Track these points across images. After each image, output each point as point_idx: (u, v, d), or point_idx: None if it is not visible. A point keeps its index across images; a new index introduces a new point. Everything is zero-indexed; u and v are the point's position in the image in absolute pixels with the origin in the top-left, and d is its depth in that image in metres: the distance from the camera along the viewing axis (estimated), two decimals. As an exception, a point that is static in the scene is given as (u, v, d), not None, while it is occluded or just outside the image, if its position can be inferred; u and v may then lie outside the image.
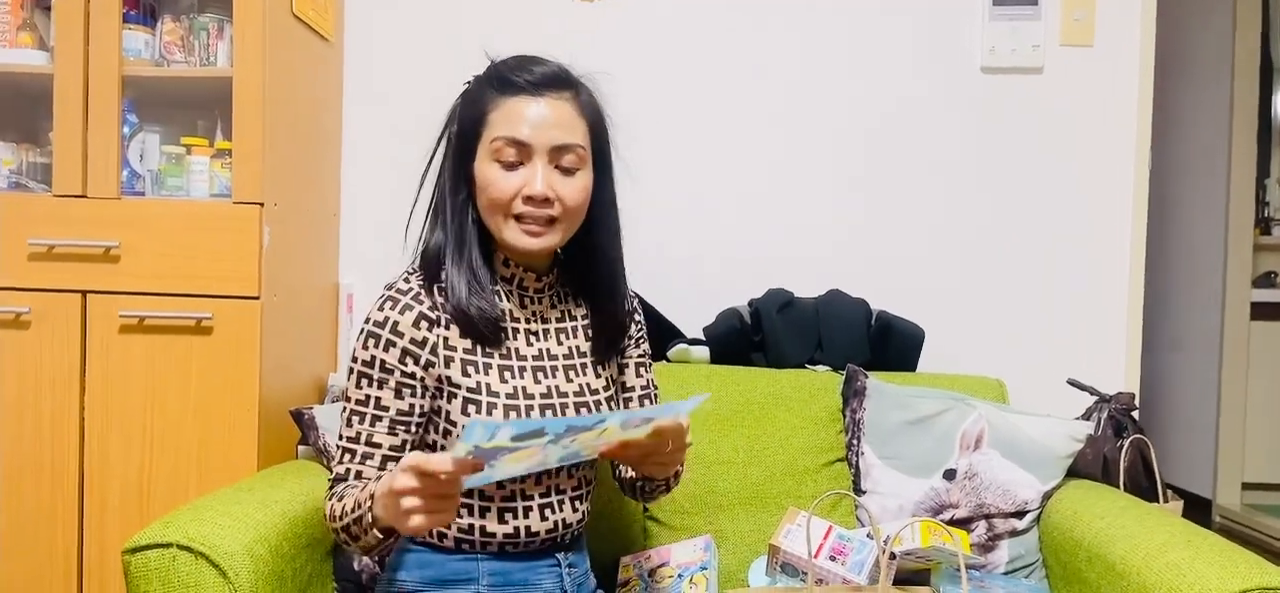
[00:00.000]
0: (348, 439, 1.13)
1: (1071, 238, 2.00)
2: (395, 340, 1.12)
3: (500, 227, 1.15)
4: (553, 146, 1.13)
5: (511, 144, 1.12)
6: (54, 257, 1.64)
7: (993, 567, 1.54)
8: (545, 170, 1.13)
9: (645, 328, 1.35)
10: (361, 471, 1.12)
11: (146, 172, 1.70)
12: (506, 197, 1.13)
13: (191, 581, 1.14)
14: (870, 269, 1.99)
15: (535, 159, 1.13)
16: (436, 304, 1.14)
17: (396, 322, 1.12)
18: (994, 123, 2.00)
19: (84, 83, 1.64)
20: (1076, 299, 2.00)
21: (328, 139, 1.95)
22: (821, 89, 2.01)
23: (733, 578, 1.55)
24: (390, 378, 1.12)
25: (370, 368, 1.12)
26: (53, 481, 1.64)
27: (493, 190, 1.13)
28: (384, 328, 1.12)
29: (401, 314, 1.13)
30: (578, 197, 1.16)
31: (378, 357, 1.12)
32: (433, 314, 1.14)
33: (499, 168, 1.13)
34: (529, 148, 1.13)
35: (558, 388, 1.19)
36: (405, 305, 1.13)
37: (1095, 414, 1.77)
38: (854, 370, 1.70)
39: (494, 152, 1.13)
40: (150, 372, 1.64)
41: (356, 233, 2.02)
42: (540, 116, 1.13)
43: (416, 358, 1.12)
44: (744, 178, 2.02)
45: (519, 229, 1.14)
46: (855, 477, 1.64)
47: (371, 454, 1.12)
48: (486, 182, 1.14)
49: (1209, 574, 1.15)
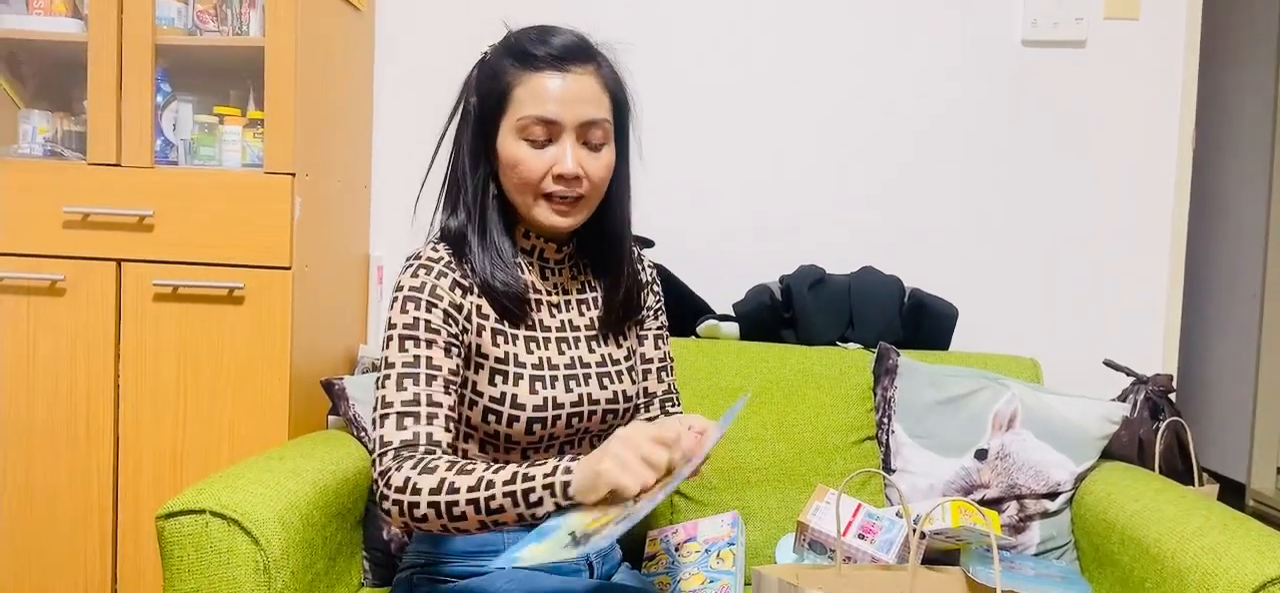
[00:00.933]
0: (405, 403, 1.04)
1: (1110, 216, 1.95)
2: (436, 302, 1.10)
3: (529, 206, 1.14)
4: (580, 123, 1.12)
5: (540, 123, 1.11)
6: (88, 225, 1.66)
7: (1023, 548, 1.53)
8: (575, 147, 1.12)
9: (664, 299, 1.35)
10: (432, 432, 1.04)
11: (180, 141, 1.72)
12: (537, 176, 1.12)
13: (224, 547, 1.15)
14: (904, 246, 1.97)
15: (564, 137, 1.11)
16: (466, 274, 1.14)
17: (434, 285, 1.11)
18: (1034, 97, 1.95)
19: (118, 51, 1.64)
20: (1114, 279, 1.96)
21: (359, 110, 1.95)
22: (859, 61, 1.98)
23: (760, 554, 1.54)
24: (438, 337, 1.08)
25: (414, 329, 1.08)
26: (88, 446, 1.67)
27: (522, 170, 1.12)
28: (423, 291, 1.10)
29: (438, 279, 1.11)
30: (603, 172, 1.15)
31: (421, 318, 1.09)
32: (465, 281, 1.13)
33: (527, 147, 1.12)
34: (558, 125, 1.11)
35: (581, 359, 1.19)
36: (439, 272, 1.12)
37: (1131, 396, 1.74)
38: (886, 348, 1.68)
39: (521, 129, 1.11)
40: (183, 340, 1.65)
41: (387, 205, 2.03)
42: (567, 92, 1.11)
43: (455, 320, 1.11)
44: (777, 153, 1.99)
45: (548, 208, 1.13)
46: (885, 455, 1.62)
47: (436, 414, 1.05)
48: (515, 160, 1.12)
49: (1245, 559, 1.13)
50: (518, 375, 1.13)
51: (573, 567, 1.20)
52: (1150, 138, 1.94)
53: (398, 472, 1.00)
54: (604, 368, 1.20)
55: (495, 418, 1.12)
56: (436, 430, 1.04)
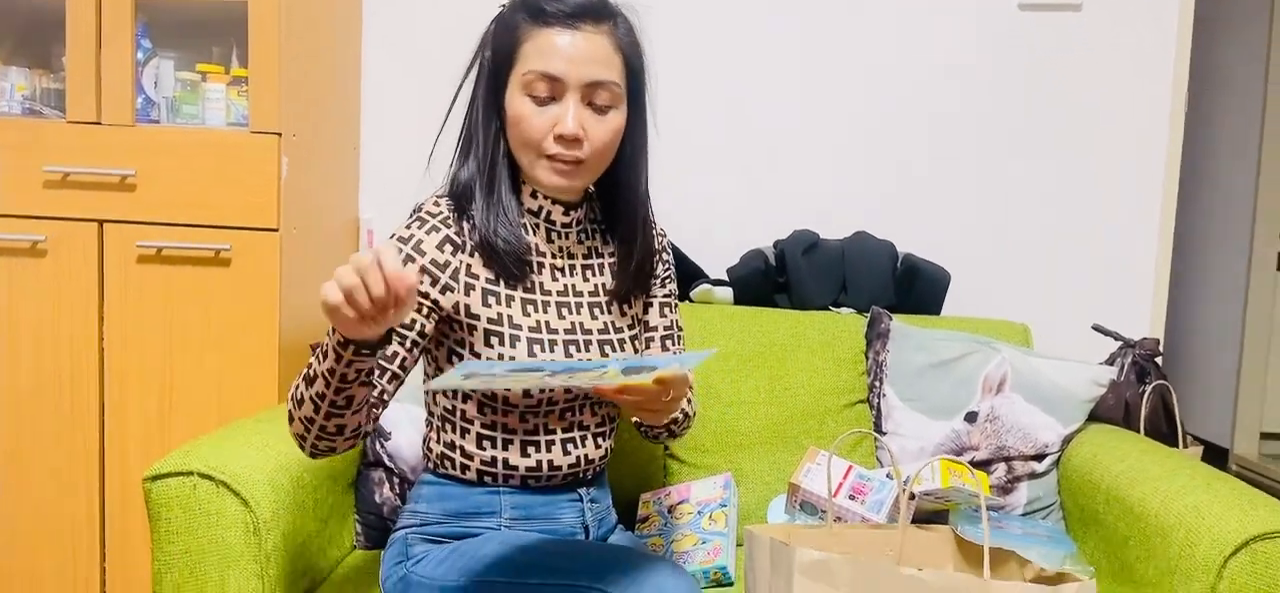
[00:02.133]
0: None
1: (1101, 182, 1.96)
2: (416, 257, 1.10)
3: (531, 163, 1.13)
4: (586, 82, 1.09)
5: (543, 79, 1.08)
6: (69, 184, 1.63)
7: (1011, 508, 1.54)
8: (577, 108, 1.09)
9: (673, 269, 1.33)
10: None
11: (161, 99, 1.68)
12: (538, 134, 1.10)
13: (212, 508, 1.14)
14: (897, 211, 1.96)
15: (568, 95, 1.09)
16: (463, 231, 1.13)
17: (420, 240, 1.11)
18: (1029, 62, 1.94)
19: (97, 6, 1.60)
20: (1104, 245, 1.96)
21: (347, 69, 1.92)
22: (855, 27, 1.96)
23: (752, 516, 1.55)
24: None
25: None
26: (73, 410, 1.65)
27: (524, 126, 1.10)
28: (407, 244, 1.11)
29: (427, 234, 1.11)
30: (607, 137, 1.12)
31: None
32: (458, 239, 1.12)
33: (531, 102, 1.10)
34: (562, 83, 1.09)
35: (582, 325, 1.17)
36: (433, 227, 1.12)
37: (1119, 359, 1.76)
38: (878, 312, 1.68)
39: (525, 85, 1.09)
40: (169, 303, 1.63)
41: (377, 166, 2.00)
42: (575, 50, 1.08)
43: (434, 279, 1.10)
44: (771, 118, 1.98)
45: (549, 168, 1.11)
46: (876, 418, 1.63)
47: None
48: (518, 116, 1.10)
49: (1228, 518, 1.15)
50: (515, 337, 1.12)
51: (566, 528, 1.21)
52: (1143, 104, 1.94)
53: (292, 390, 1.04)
54: (606, 336, 1.19)
55: None
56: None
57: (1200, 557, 1.14)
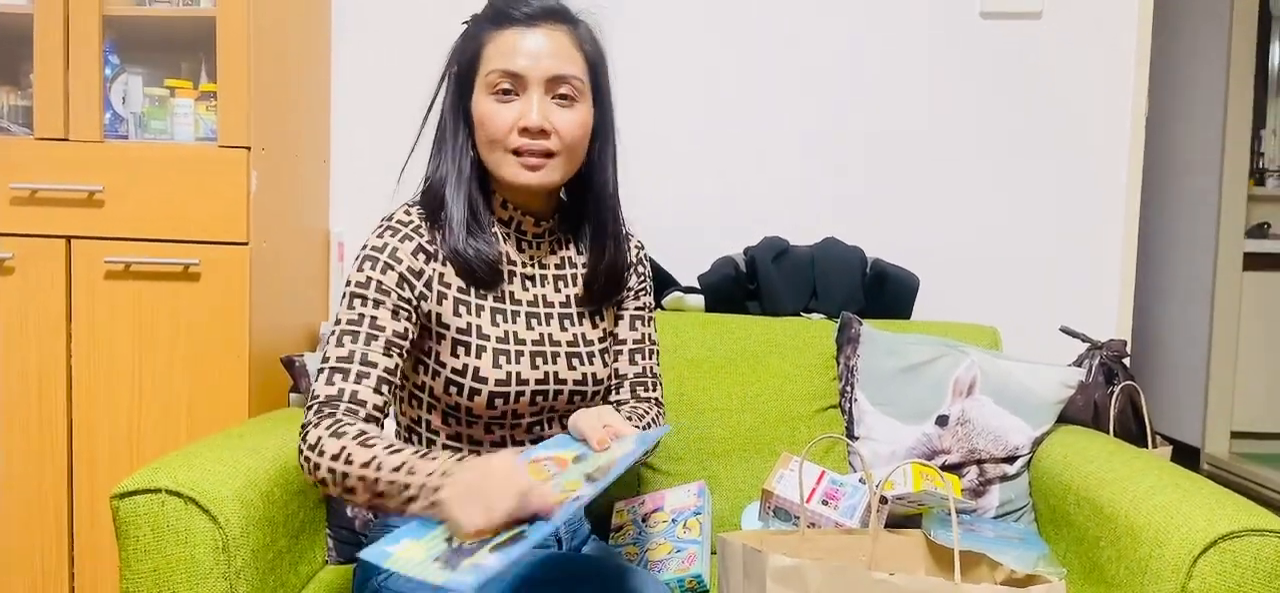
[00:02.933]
0: (339, 359, 1.04)
1: (1067, 185, 1.98)
2: (393, 264, 1.09)
3: (498, 162, 1.12)
4: (549, 77, 1.10)
5: (506, 75, 1.09)
6: (37, 201, 1.61)
7: (983, 511, 1.56)
8: (541, 101, 1.10)
9: (649, 282, 1.32)
10: (357, 391, 1.03)
11: (129, 114, 1.67)
12: (503, 130, 1.10)
13: (181, 526, 1.13)
14: (866, 217, 1.98)
15: (531, 90, 1.10)
16: (434, 239, 1.13)
17: (395, 248, 1.10)
18: (992, 68, 1.97)
19: (64, 22, 1.60)
20: (1070, 247, 1.99)
21: (316, 83, 1.92)
22: (822, 35, 1.98)
23: (726, 523, 1.55)
24: (387, 299, 1.08)
25: (365, 288, 1.08)
26: (41, 428, 1.63)
27: (489, 124, 1.11)
28: (382, 252, 1.10)
29: (401, 242, 1.10)
30: (575, 130, 1.12)
31: (374, 278, 1.08)
32: (430, 248, 1.12)
33: (494, 101, 1.10)
34: (523, 79, 1.10)
35: (551, 336, 1.17)
36: (405, 235, 1.11)
37: (1087, 361, 1.78)
38: (848, 318, 1.70)
39: (489, 85, 1.10)
40: (138, 318, 1.62)
41: (347, 180, 2.00)
42: (536, 47, 1.10)
43: (411, 286, 1.10)
44: (739, 125, 1.99)
45: (517, 164, 1.11)
46: (848, 423, 1.64)
47: (367, 373, 1.04)
48: (483, 116, 1.11)
49: (1196, 517, 1.16)
50: (480, 348, 1.12)
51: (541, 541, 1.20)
52: (1105, 107, 1.97)
53: (313, 429, 1.00)
54: (575, 348, 1.19)
55: (456, 390, 1.11)
56: (363, 389, 1.03)
57: (1170, 556, 1.15)
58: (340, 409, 1.02)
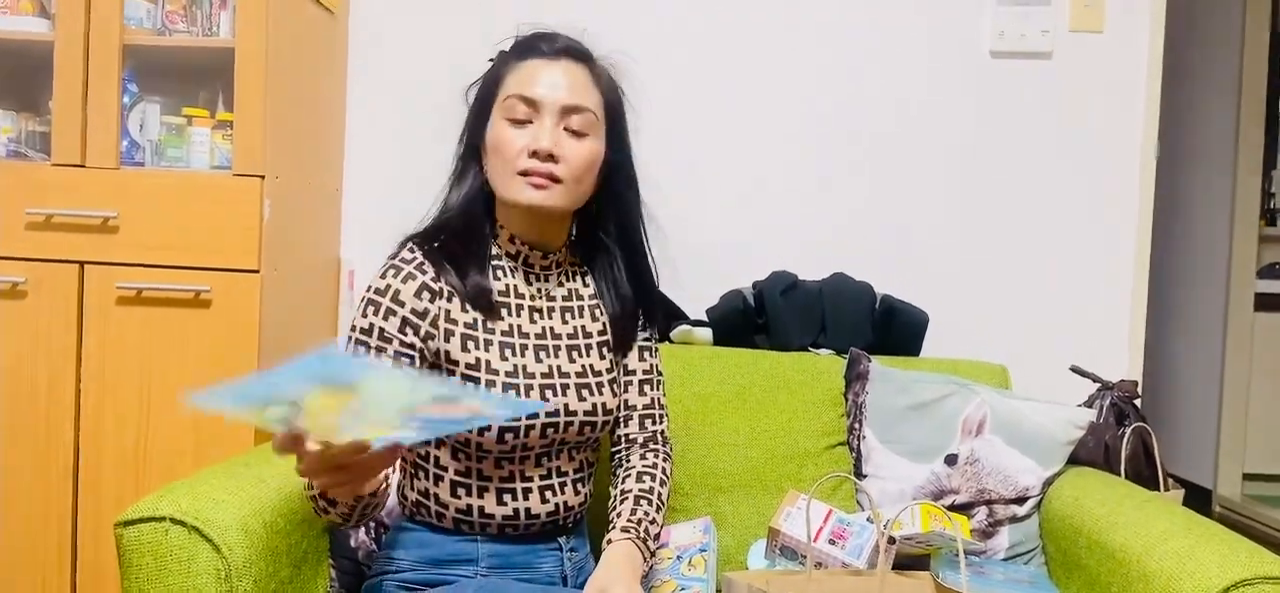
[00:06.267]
0: None
1: (1077, 225, 1.98)
2: (396, 309, 1.10)
3: (507, 184, 1.14)
4: (563, 106, 1.13)
5: (522, 101, 1.13)
6: (51, 226, 1.62)
7: (993, 553, 1.54)
8: (553, 129, 1.12)
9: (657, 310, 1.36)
10: None
11: (146, 142, 1.69)
12: (513, 151, 1.12)
13: (184, 554, 1.13)
14: (875, 253, 1.98)
15: (544, 117, 1.12)
16: (439, 276, 1.13)
17: (397, 290, 1.11)
18: (1002, 108, 1.98)
19: (85, 51, 1.62)
20: (1081, 286, 1.98)
21: (331, 113, 1.94)
22: (830, 72, 1.99)
23: (732, 560, 1.54)
24: (388, 347, 1.10)
25: (368, 336, 1.10)
26: (48, 452, 1.64)
27: (502, 147, 1.13)
28: (385, 296, 1.11)
29: (403, 283, 1.11)
30: (583, 160, 1.14)
31: (376, 325, 1.10)
32: (435, 286, 1.12)
33: (508, 125, 1.13)
34: (538, 105, 1.12)
35: (560, 368, 1.17)
36: (408, 274, 1.12)
37: (1098, 401, 1.76)
38: (857, 354, 1.69)
39: (506, 110, 1.14)
40: (148, 344, 1.63)
41: (359, 208, 2.01)
42: (553, 78, 1.13)
43: (416, 329, 1.11)
44: (749, 160, 2.00)
45: (524, 183, 1.12)
46: (856, 461, 1.63)
47: None
48: (497, 139, 1.14)
49: (1210, 564, 1.14)
50: (490, 382, 1.11)
51: (545, 577, 1.19)
52: (1115, 148, 1.97)
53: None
54: (584, 379, 1.18)
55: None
56: None
57: (1182, 604, 1.13)
58: None
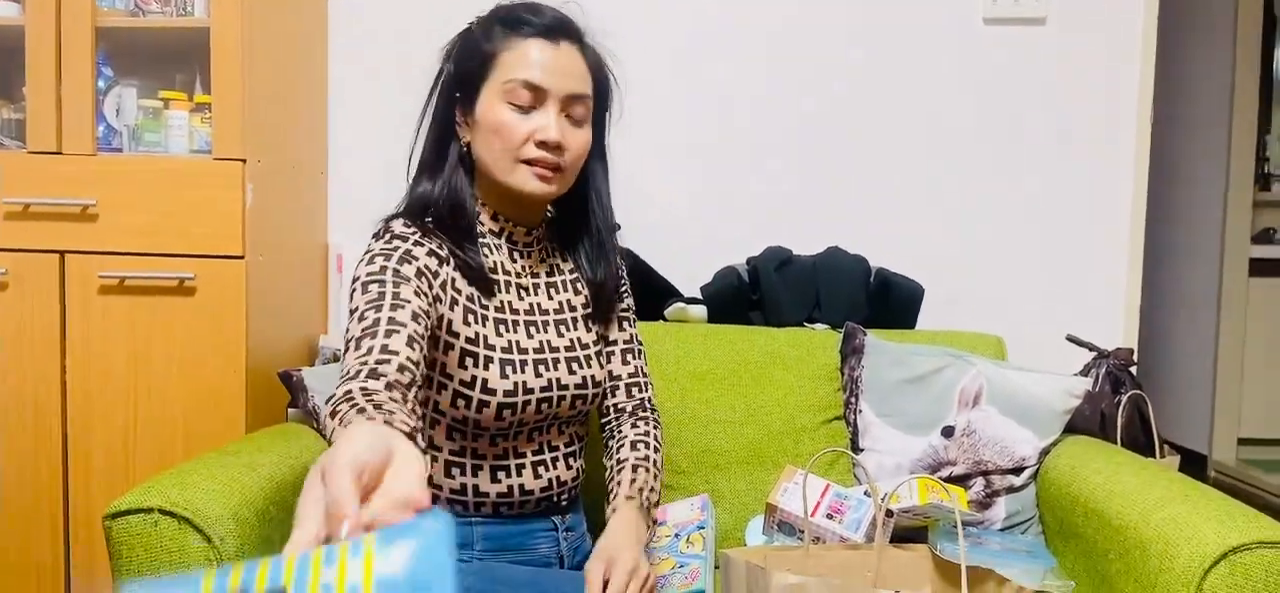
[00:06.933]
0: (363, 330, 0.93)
1: (1072, 193, 1.96)
2: (410, 256, 1.04)
3: (508, 171, 1.11)
4: (566, 95, 1.11)
5: (527, 87, 1.09)
6: (30, 216, 1.59)
7: (990, 523, 1.53)
8: (558, 118, 1.10)
9: (628, 282, 1.35)
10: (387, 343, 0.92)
11: (123, 127, 1.66)
12: (519, 140, 1.09)
13: (175, 546, 1.11)
14: (870, 226, 1.96)
15: (549, 104, 1.10)
16: (441, 244, 1.10)
17: (409, 249, 1.05)
18: (996, 75, 1.95)
19: (56, 35, 1.58)
20: (1076, 255, 1.97)
21: (312, 93, 1.90)
22: (821, 41, 1.96)
23: (730, 537, 1.53)
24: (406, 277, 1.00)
25: (381, 274, 0.99)
26: (36, 443, 1.62)
27: (505, 133, 1.10)
28: (396, 244, 1.05)
29: (414, 246, 1.07)
30: (581, 150, 1.14)
31: (391, 266, 1.01)
32: (442, 252, 1.10)
33: (511, 109, 1.10)
34: (544, 92, 1.10)
35: (550, 343, 1.17)
36: (415, 240, 1.08)
37: (1093, 370, 1.76)
38: (852, 328, 1.68)
39: (506, 92, 1.10)
40: (133, 333, 1.60)
41: (345, 191, 1.98)
42: (556, 62, 1.11)
43: (429, 285, 1.04)
44: (740, 134, 1.98)
45: (530, 173, 1.10)
46: (853, 435, 1.62)
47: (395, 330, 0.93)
48: (497, 123, 1.10)
49: (1206, 529, 1.14)
50: (488, 359, 1.10)
51: (541, 559, 1.18)
52: (1110, 114, 1.95)
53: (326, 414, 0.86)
54: (573, 352, 1.19)
55: (464, 403, 1.10)
56: (392, 342, 0.92)
57: (1179, 569, 1.13)
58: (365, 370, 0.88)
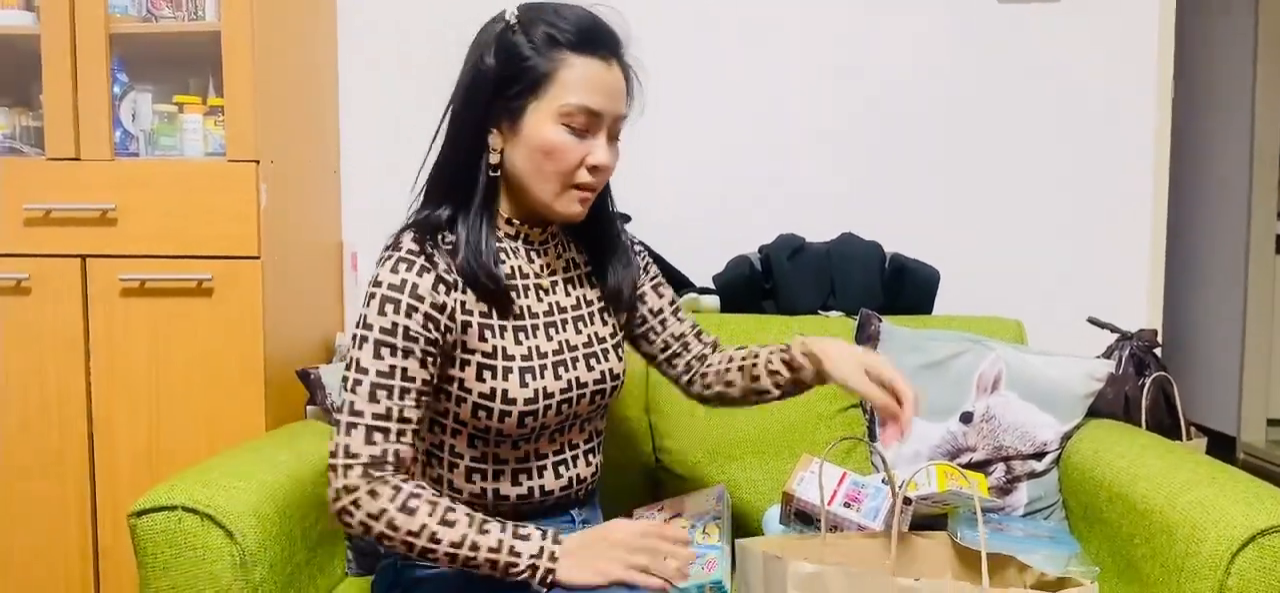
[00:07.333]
0: (376, 417, 1.02)
1: (1092, 172, 1.94)
2: (417, 305, 1.04)
3: (553, 195, 1.09)
4: (616, 116, 1.11)
5: (586, 113, 1.07)
6: (51, 221, 1.62)
7: (1011, 509, 1.52)
8: (607, 141, 1.11)
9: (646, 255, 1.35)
10: (399, 450, 1.03)
11: (139, 132, 1.67)
12: (573, 164, 1.08)
13: (198, 542, 1.13)
14: (884, 211, 1.94)
15: (602, 131, 1.10)
16: (450, 267, 1.08)
17: (415, 285, 1.04)
18: (1011, 55, 1.93)
19: (72, 42, 1.60)
20: (1097, 235, 1.94)
21: (324, 93, 1.91)
22: (835, 26, 1.95)
23: (747, 527, 1.53)
24: (415, 347, 1.04)
25: (392, 335, 1.03)
26: (61, 447, 1.64)
27: (559, 157, 1.07)
28: (403, 291, 1.04)
29: (419, 277, 1.05)
30: (615, 167, 1.15)
31: (400, 324, 1.03)
32: (449, 277, 1.07)
33: (567, 133, 1.07)
34: (600, 118, 1.09)
35: (568, 342, 1.16)
36: (421, 267, 1.05)
37: (1116, 352, 1.73)
38: (867, 315, 1.67)
39: (564, 116, 1.06)
40: (153, 335, 1.62)
41: (358, 190, 1.99)
42: (613, 88, 1.10)
43: (437, 324, 1.05)
44: (751, 120, 1.97)
45: (575, 198, 1.11)
46: (870, 423, 1.61)
47: (404, 430, 1.04)
48: (551, 146, 1.07)
49: (1234, 512, 1.12)
50: (507, 370, 1.09)
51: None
52: (1129, 92, 1.92)
53: (371, 498, 1.01)
54: (590, 348, 1.18)
55: (485, 414, 1.09)
56: (403, 447, 1.04)
57: (1206, 553, 1.11)
58: (388, 472, 1.03)
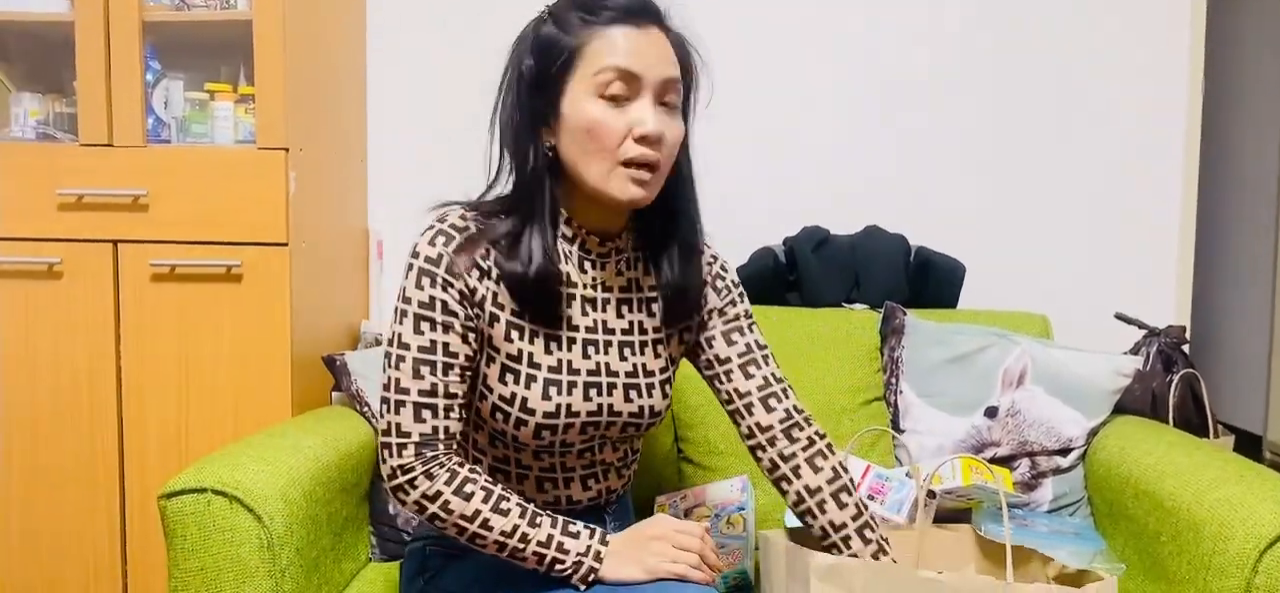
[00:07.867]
0: (422, 393, 0.99)
1: (1120, 165, 1.92)
2: (452, 280, 1.01)
3: (604, 176, 1.00)
4: (660, 80, 1.00)
5: (620, 75, 0.98)
6: (83, 206, 1.64)
7: (1036, 505, 1.51)
8: (654, 107, 1.00)
9: (738, 291, 1.19)
10: (448, 426, 1.01)
11: (171, 119, 1.69)
12: (617, 137, 0.98)
13: (226, 524, 1.14)
14: (909, 204, 1.93)
15: (645, 92, 0.99)
16: (488, 254, 1.04)
17: (451, 262, 1.01)
18: (1040, 46, 1.91)
19: (105, 29, 1.62)
20: (1125, 230, 1.92)
21: (352, 82, 1.93)
22: (861, 16, 1.94)
23: (770, 518, 1.53)
24: (454, 322, 1.01)
25: (431, 309, 1.00)
26: (92, 429, 1.67)
27: (600, 131, 0.98)
28: (438, 266, 1.01)
29: (456, 254, 1.02)
30: (677, 141, 1.03)
31: (438, 297, 1.00)
32: (484, 264, 1.03)
33: (604, 104, 0.99)
34: (638, 80, 0.99)
35: (608, 365, 1.08)
36: (460, 245, 1.02)
37: (1144, 348, 1.72)
38: (892, 308, 1.66)
39: (599, 85, 0.98)
40: (183, 320, 1.64)
41: (385, 178, 2.01)
42: (647, 46, 1.00)
43: (470, 304, 1.02)
44: (777, 112, 1.96)
45: (626, 176, 0.99)
46: (894, 416, 1.61)
47: (452, 405, 1.01)
48: (590, 121, 0.99)
49: (1262, 510, 1.11)
50: (531, 377, 1.04)
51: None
52: (1159, 84, 1.90)
53: (427, 480, 1.00)
54: (634, 378, 1.10)
55: (502, 417, 1.05)
56: (453, 423, 1.02)
57: (1234, 552, 1.10)
58: (440, 450, 1.01)
